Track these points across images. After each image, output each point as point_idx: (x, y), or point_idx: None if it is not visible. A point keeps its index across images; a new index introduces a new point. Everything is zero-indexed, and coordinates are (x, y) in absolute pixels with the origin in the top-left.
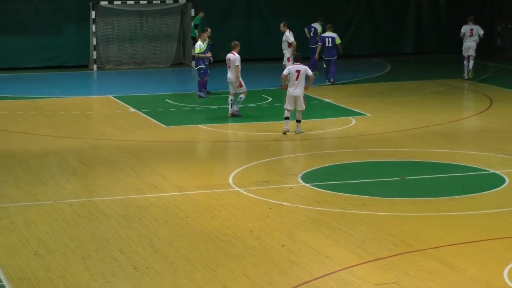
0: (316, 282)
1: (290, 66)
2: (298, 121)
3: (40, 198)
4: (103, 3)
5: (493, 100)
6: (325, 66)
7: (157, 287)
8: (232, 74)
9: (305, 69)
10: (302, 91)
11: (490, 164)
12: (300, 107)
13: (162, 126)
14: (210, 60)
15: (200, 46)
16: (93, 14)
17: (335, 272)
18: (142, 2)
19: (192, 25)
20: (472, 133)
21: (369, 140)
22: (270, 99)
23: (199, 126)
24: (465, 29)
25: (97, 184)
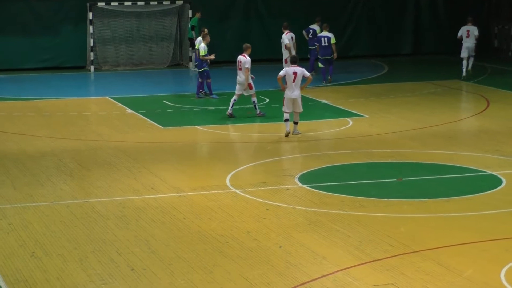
0: (313, 283)
1: (287, 68)
2: (296, 122)
3: (37, 199)
4: (101, 4)
5: (490, 101)
6: (322, 66)
7: None
8: (241, 76)
9: (302, 71)
10: (299, 93)
11: (487, 165)
12: (298, 109)
13: (159, 127)
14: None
15: (204, 48)
16: (90, 15)
17: (332, 273)
18: (139, 3)
19: (189, 26)
20: (469, 134)
21: (366, 141)
22: (267, 100)
23: (196, 127)
24: (461, 31)
25: (94, 185)
